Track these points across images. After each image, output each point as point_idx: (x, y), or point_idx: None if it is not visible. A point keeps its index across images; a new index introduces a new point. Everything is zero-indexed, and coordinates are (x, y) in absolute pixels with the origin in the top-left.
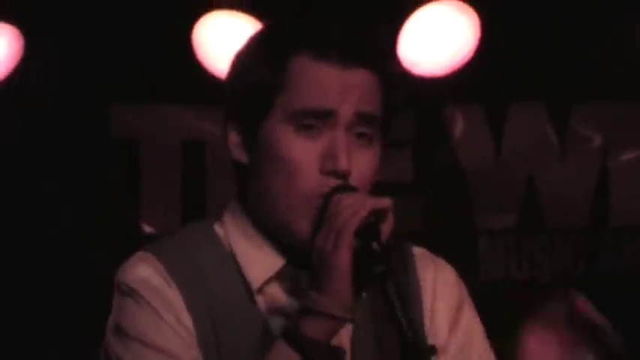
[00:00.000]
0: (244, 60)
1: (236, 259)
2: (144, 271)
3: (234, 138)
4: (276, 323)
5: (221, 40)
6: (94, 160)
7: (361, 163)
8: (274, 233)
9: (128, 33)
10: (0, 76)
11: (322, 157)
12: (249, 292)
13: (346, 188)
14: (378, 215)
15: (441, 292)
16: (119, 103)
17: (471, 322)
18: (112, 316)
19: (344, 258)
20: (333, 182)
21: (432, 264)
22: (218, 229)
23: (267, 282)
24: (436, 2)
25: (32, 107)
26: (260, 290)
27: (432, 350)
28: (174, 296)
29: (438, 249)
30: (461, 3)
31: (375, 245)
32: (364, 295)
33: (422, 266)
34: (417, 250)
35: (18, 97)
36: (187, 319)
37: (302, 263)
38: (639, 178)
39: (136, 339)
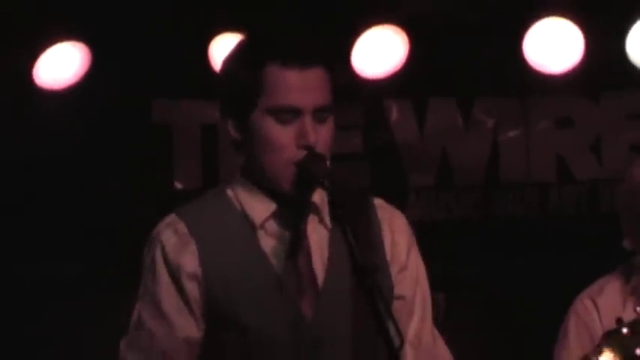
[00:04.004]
0: (231, 67)
1: (243, 208)
2: (167, 238)
3: (230, 124)
4: (272, 247)
5: None
6: (141, 139)
7: (322, 136)
8: (267, 188)
9: (165, 48)
10: (74, 81)
11: (296, 137)
12: (252, 229)
13: (314, 155)
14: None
15: (397, 230)
16: (158, 99)
17: (418, 259)
18: (142, 264)
19: None
20: (304, 153)
21: (389, 211)
22: (229, 191)
23: (266, 220)
24: (378, 27)
25: (97, 103)
26: (261, 226)
27: (376, 267)
28: (189, 254)
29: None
30: (396, 27)
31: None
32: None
33: (381, 212)
34: (377, 201)
35: (87, 96)
36: (194, 282)
37: (288, 206)
38: (520, 150)
39: (148, 294)
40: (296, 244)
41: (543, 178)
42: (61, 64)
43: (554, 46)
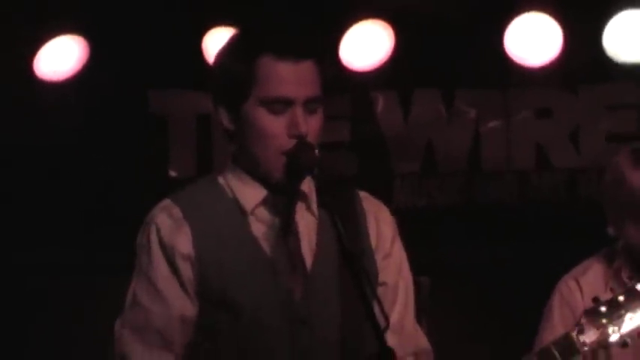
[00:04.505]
0: (225, 59)
1: (234, 195)
2: (162, 220)
3: (223, 114)
4: (263, 232)
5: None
6: (138, 128)
7: (312, 126)
8: (258, 176)
9: (161, 42)
10: (72, 73)
11: (288, 127)
12: (243, 214)
13: (304, 144)
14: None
15: (382, 220)
16: (155, 89)
17: (402, 250)
18: (137, 245)
19: None
20: (294, 142)
21: (374, 203)
22: (220, 179)
23: (257, 206)
24: (365, 21)
25: (95, 94)
26: (252, 212)
27: (363, 251)
28: (183, 237)
29: (367, 187)
30: (382, 22)
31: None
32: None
33: (366, 203)
34: (362, 194)
35: (85, 87)
36: (187, 263)
37: (278, 193)
38: (501, 139)
39: (144, 273)
40: (286, 227)
41: (523, 166)
42: (60, 57)
43: (533, 40)
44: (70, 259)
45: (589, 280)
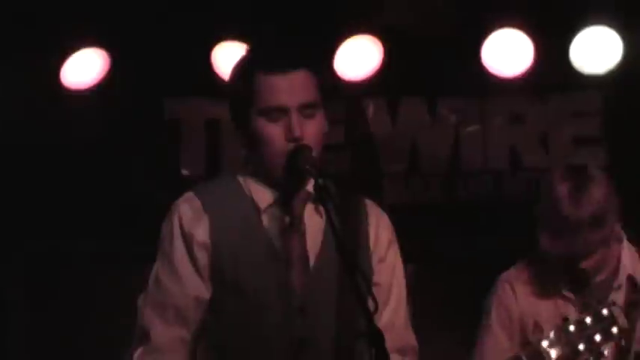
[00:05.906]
0: (232, 79)
1: (251, 194)
2: (184, 211)
3: (238, 132)
4: (273, 228)
5: (229, 59)
6: (154, 131)
7: (309, 130)
8: (267, 178)
9: (175, 54)
10: (94, 83)
11: (285, 132)
12: (257, 212)
13: (302, 146)
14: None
15: (382, 226)
16: (169, 97)
17: (397, 255)
18: (162, 230)
19: None
20: (293, 145)
21: (377, 210)
22: (240, 178)
23: (270, 205)
24: (357, 36)
25: (115, 101)
26: (265, 210)
27: (357, 246)
28: (201, 226)
29: (359, 185)
30: (372, 37)
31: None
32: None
33: (370, 210)
34: (368, 201)
35: (107, 95)
36: (203, 250)
37: (288, 195)
38: (478, 142)
39: (166, 256)
40: (291, 223)
41: (498, 166)
42: (84, 68)
43: (508, 53)
44: (87, 248)
45: (521, 284)
